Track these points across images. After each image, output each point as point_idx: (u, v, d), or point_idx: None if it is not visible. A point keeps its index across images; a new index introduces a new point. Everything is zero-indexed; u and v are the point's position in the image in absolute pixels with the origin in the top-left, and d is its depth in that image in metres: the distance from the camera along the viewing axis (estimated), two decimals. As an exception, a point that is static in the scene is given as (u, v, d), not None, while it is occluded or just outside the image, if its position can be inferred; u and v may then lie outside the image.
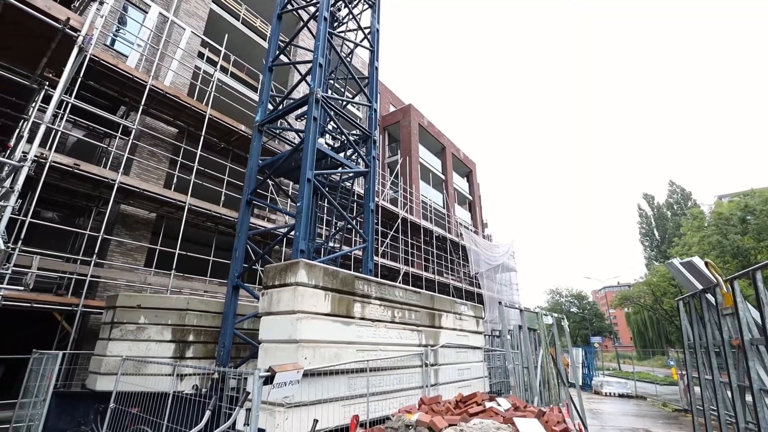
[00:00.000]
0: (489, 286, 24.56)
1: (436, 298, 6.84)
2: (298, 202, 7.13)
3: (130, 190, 9.22)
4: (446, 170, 27.19)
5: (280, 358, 3.97)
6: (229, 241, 12.08)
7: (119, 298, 7.10)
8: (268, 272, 4.53)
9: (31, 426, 5.79)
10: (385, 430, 3.25)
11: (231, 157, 12.44)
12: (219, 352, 7.25)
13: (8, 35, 5.15)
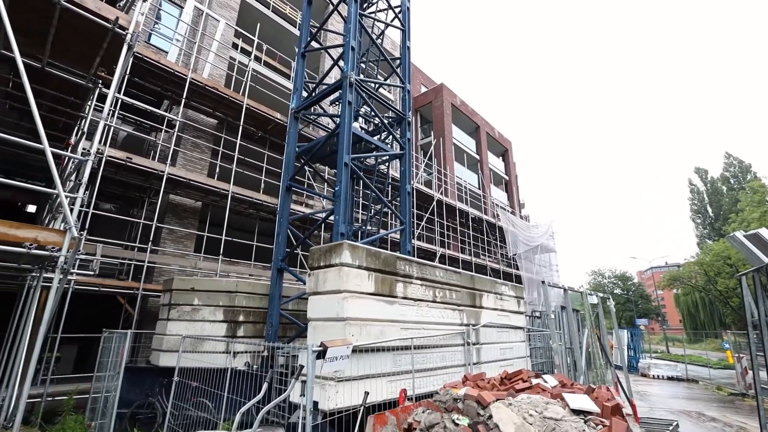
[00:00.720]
0: (527, 267, 24.07)
1: (476, 278, 6.82)
2: (336, 186, 7.25)
3: (177, 180, 9.72)
4: (481, 150, 26.56)
5: (328, 334, 4.14)
6: (270, 227, 12.54)
7: (174, 281, 7.60)
8: (313, 254, 4.70)
9: (107, 396, 6.39)
10: (433, 403, 3.34)
11: (268, 145, 12.76)
12: (267, 331, 7.63)
13: (65, 38, 5.50)
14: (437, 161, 21.86)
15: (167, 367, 7.05)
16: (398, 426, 3.17)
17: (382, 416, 3.07)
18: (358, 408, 3.93)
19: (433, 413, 3.20)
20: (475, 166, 26.04)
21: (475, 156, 26.03)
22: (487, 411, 3.02)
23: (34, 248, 4.01)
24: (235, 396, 4.76)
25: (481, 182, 25.41)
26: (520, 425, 2.76)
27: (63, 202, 4.30)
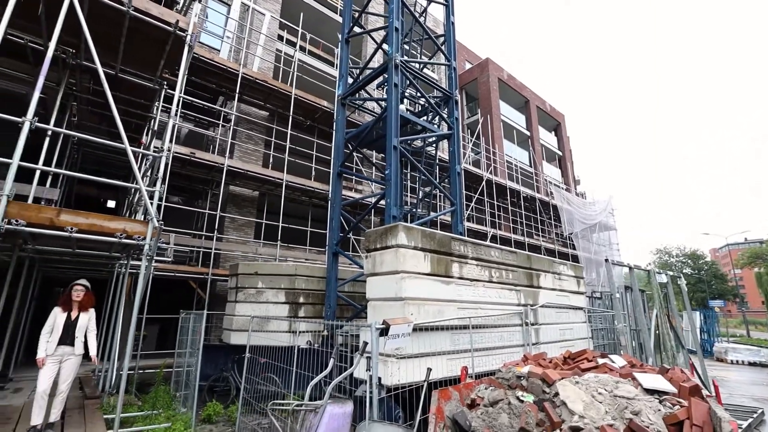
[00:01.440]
0: (585, 246, 22.94)
1: (533, 258, 6.64)
2: (386, 170, 7.31)
3: (236, 171, 10.29)
4: (531, 125, 25.36)
5: (387, 314, 4.27)
6: (322, 213, 12.95)
7: (240, 266, 8.15)
8: (369, 236, 4.82)
9: (189, 371, 7.08)
10: (495, 380, 3.37)
11: (317, 134, 13.07)
12: (326, 312, 8.00)
13: (134, 45, 5.95)
14: (485, 140, 21.21)
15: (237, 345, 7.65)
16: (461, 401, 3.24)
17: (446, 391, 3.15)
18: (420, 384, 4.05)
19: (496, 390, 3.23)
20: (525, 142, 24.95)
21: (525, 132, 24.92)
22: (553, 389, 3.00)
23: (123, 237, 4.49)
24: (303, 370, 5.09)
25: (532, 159, 24.35)
26: (588, 403, 2.71)
27: (144, 195, 4.75)
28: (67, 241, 4.89)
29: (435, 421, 2.80)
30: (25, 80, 6.95)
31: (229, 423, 6.68)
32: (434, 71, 20.75)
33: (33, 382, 7.06)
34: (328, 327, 7.63)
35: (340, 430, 3.06)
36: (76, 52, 6.20)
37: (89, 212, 4.40)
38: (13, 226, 3.90)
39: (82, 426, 4.58)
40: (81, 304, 4.56)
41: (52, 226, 4.15)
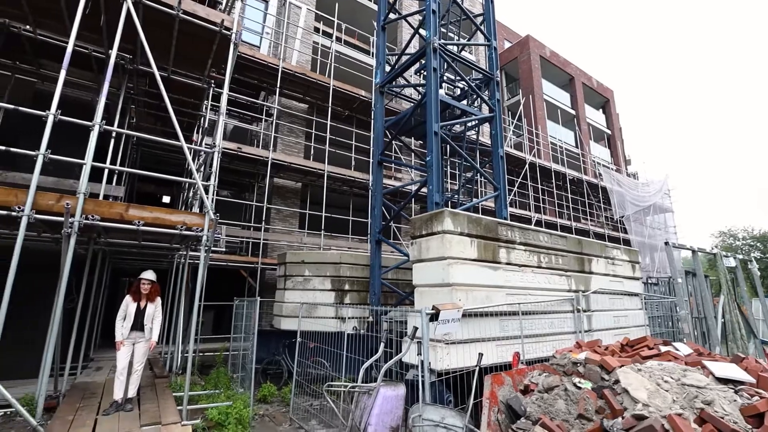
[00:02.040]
0: (638, 230, 21.64)
1: (584, 242, 6.37)
2: (427, 156, 7.25)
3: (280, 164, 10.61)
4: (576, 104, 24.05)
5: (435, 300, 4.29)
6: (362, 202, 13.10)
7: (287, 255, 8.46)
8: (414, 223, 4.84)
9: (243, 354, 7.51)
10: (550, 366, 3.30)
11: (355, 123, 13.15)
12: (371, 298, 8.15)
13: (183, 46, 6.24)
14: (527, 121, 20.39)
15: (287, 330, 7.99)
16: (514, 387, 3.21)
17: (499, 376, 3.13)
18: (469, 369, 4.06)
19: (551, 376, 3.16)
20: (570, 122, 23.74)
21: (569, 111, 23.69)
22: (613, 376, 2.89)
23: (183, 229, 4.79)
24: (351, 354, 5.25)
25: (578, 139, 23.16)
26: (653, 391, 2.60)
27: (200, 189, 5.03)
28: (134, 234, 5.30)
29: (489, 405, 2.80)
30: (90, 87, 7.51)
31: (283, 404, 7.03)
32: (472, 53, 20.13)
33: (110, 362, 7.78)
34: (374, 313, 7.78)
35: (393, 412, 3.14)
36: (133, 57, 6.61)
37: (153, 207, 4.74)
38: (89, 221, 4.29)
39: (155, 401, 5.00)
40: (148, 295, 4.94)
41: (122, 220, 4.52)
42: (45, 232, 5.47)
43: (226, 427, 4.84)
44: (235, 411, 5.11)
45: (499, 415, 2.85)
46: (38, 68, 6.75)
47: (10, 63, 6.52)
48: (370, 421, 3.04)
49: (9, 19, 5.76)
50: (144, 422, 4.19)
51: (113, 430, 3.99)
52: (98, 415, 4.43)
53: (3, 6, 5.43)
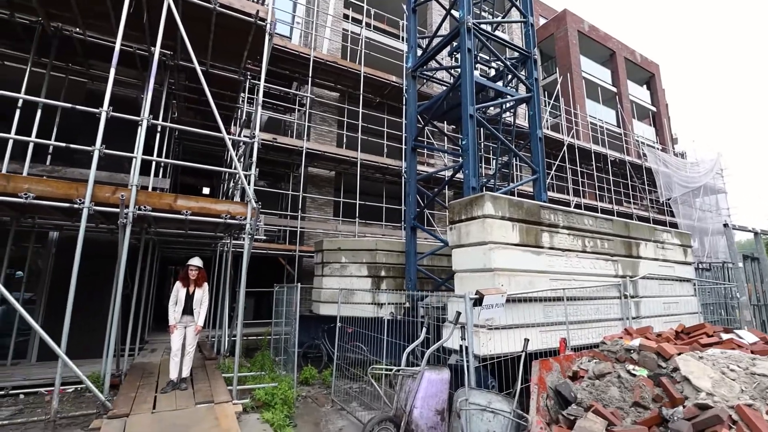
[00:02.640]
0: (686, 213, 20.42)
1: (632, 225, 6.07)
2: (463, 140, 7.10)
3: (314, 153, 10.75)
4: (618, 80, 22.73)
5: (476, 285, 4.23)
6: (394, 189, 13.07)
7: (324, 242, 8.61)
8: (453, 208, 4.77)
9: (284, 338, 7.78)
10: (600, 353, 3.19)
11: (386, 110, 13.06)
12: (407, 284, 8.18)
13: (221, 39, 6.37)
14: (564, 101, 19.51)
15: (325, 315, 8.18)
16: (562, 373, 3.14)
17: (548, 362, 3.07)
18: (511, 355, 4.00)
19: (601, 363, 3.06)
20: (611, 100, 22.51)
21: (610, 89, 22.44)
22: (671, 363, 2.76)
23: (227, 218, 4.97)
24: (391, 338, 5.32)
25: (620, 118, 21.94)
26: (718, 380, 2.46)
27: (242, 179, 5.18)
28: (181, 223, 5.56)
29: (538, 391, 2.75)
30: (135, 85, 7.85)
31: (324, 386, 7.25)
32: (505, 32, 19.38)
33: (163, 344, 8.28)
34: (410, 299, 7.81)
35: (438, 395, 3.15)
36: (173, 53, 6.83)
37: (199, 197, 4.93)
38: (142, 211, 4.52)
39: (206, 381, 5.29)
40: (196, 281, 5.18)
41: (171, 210, 4.74)
42: (102, 223, 5.84)
43: (273, 407, 5.05)
44: (280, 392, 5.32)
45: (548, 401, 2.80)
46: (88, 69, 7.11)
47: (64, 65, 6.91)
48: (415, 403, 3.08)
49: (62, 23, 6.09)
50: (198, 400, 4.44)
51: (171, 406, 4.26)
52: (157, 393, 4.74)
53: (55, 10, 5.74)
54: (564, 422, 2.60)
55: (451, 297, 4.52)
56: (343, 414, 5.68)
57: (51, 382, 5.21)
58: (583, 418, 2.46)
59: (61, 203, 4.27)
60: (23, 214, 5.37)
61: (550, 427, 2.59)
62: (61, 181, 4.39)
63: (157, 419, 3.88)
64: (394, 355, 6.09)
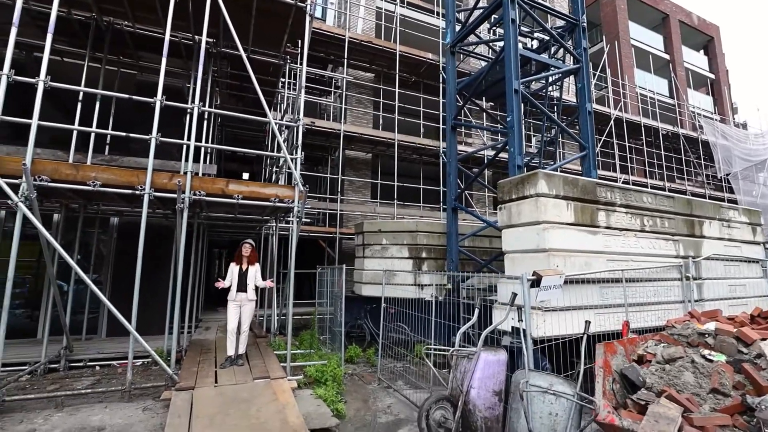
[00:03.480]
0: (747, 189, 18.92)
1: (695, 202, 5.67)
2: (508, 116, 6.84)
3: (351, 136, 10.74)
4: (671, 46, 21.00)
5: (529, 266, 4.12)
6: (432, 170, 12.90)
7: (365, 225, 8.67)
8: (503, 187, 4.63)
9: (328, 318, 7.99)
10: (669, 336, 3.03)
11: (422, 89, 12.78)
12: (448, 266, 8.12)
13: (261, 24, 6.39)
14: (611, 71, 18.30)
15: (367, 296, 8.31)
16: (627, 356, 3.01)
17: (612, 345, 2.96)
18: (567, 337, 3.90)
19: (671, 347, 2.91)
20: (663, 68, 20.87)
21: (662, 56, 20.78)
22: (753, 349, 2.58)
23: (276, 202, 5.08)
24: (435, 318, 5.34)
25: (673, 87, 20.36)
26: (811, 367, 2.27)
27: (289, 162, 5.25)
28: (231, 208, 5.75)
29: (603, 375, 2.66)
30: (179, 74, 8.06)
31: (368, 364, 7.42)
32: (547, 0, 18.26)
33: (215, 322, 8.74)
34: (452, 280, 7.77)
35: (495, 376, 3.13)
36: (216, 41, 6.94)
37: (248, 181, 5.07)
38: (197, 196, 4.70)
39: (260, 358, 5.54)
40: (249, 259, 5.38)
41: (224, 195, 4.90)
42: (158, 208, 6.14)
43: (324, 383, 5.22)
44: (329, 369, 5.50)
45: (615, 385, 2.70)
46: (137, 61, 7.38)
47: (116, 59, 7.20)
48: (472, 384, 3.07)
49: (113, 17, 6.32)
50: (255, 375, 4.66)
51: (231, 380, 4.50)
52: (216, 368, 5.02)
53: (108, 5, 5.95)
54: (633, 407, 2.51)
55: (501, 278, 4.44)
56: (390, 392, 5.81)
57: (121, 356, 5.66)
58: (655, 403, 2.36)
59: (124, 190, 4.51)
60: (90, 201, 5.73)
61: (617, 411, 2.50)
62: (124, 169, 4.62)
63: (220, 392, 4.12)
64: (438, 335, 6.14)
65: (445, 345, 6.50)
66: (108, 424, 3.52)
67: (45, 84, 4.23)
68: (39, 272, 7.46)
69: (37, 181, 4.08)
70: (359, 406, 5.21)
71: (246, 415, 3.65)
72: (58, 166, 4.30)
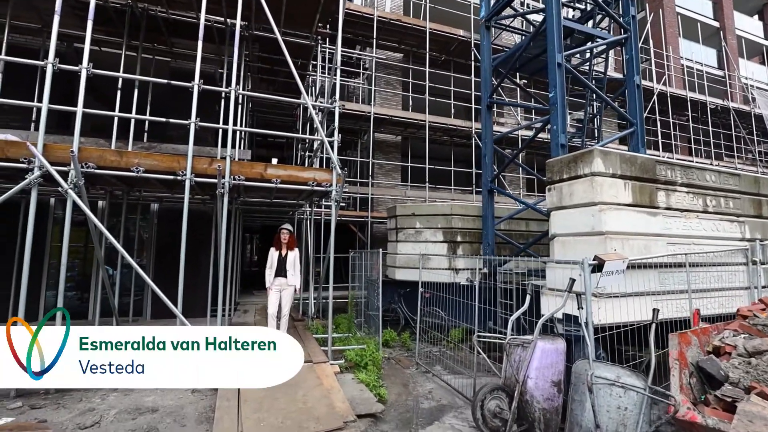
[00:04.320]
0: (804, 166, 17.54)
1: (763, 181, 5.21)
2: (550, 92, 6.46)
3: (381, 118, 10.53)
4: (721, 12, 19.39)
5: (582, 250, 3.89)
6: (462, 152, 12.56)
7: (398, 208, 8.54)
8: (552, 167, 4.37)
9: (365, 301, 7.99)
10: (751, 327, 2.78)
11: (453, 68, 12.34)
12: (484, 250, 7.90)
13: (292, 4, 6.22)
14: (654, 42, 17.11)
15: (401, 280, 8.23)
16: (701, 348, 2.79)
17: (686, 335, 2.73)
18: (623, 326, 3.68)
19: (754, 338, 2.66)
20: (712, 37, 19.33)
21: (711, 24, 19.24)
22: None
23: (314, 185, 5.01)
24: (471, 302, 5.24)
25: (723, 58, 18.88)
26: None
27: (326, 144, 5.15)
28: (268, 192, 5.73)
29: (679, 368, 2.46)
30: (212, 60, 8.04)
31: (404, 348, 7.40)
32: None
33: (253, 305, 8.90)
34: (488, 264, 7.57)
35: (554, 366, 2.97)
36: (248, 23, 6.84)
37: (286, 165, 5.01)
38: (236, 180, 4.68)
39: (300, 342, 5.57)
40: (287, 244, 5.36)
41: (262, 179, 4.86)
42: (196, 194, 6.20)
43: (364, 367, 5.21)
44: (368, 354, 5.48)
45: (691, 379, 2.50)
46: (171, 47, 7.39)
47: (150, 46, 7.24)
48: (529, 374, 2.93)
49: (147, 4, 6.31)
50: (299, 359, 4.68)
51: (276, 364, 4.52)
52: (260, 351, 5.07)
53: (142, -10, 5.94)
54: (716, 403, 2.31)
55: (549, 262, 4.22)
56: (429, 377, 5.75)
57: (167, 338, 5.84)
58: (745, 401, 2.15)
59: (165, 176, 4.53)
60: (132, 188, 5.85)
61: (696, 407, 2.31)
62: (165, 155, 4.65)
63: (266, 376, 4.15)
64: (477, 320, 6.03)
65: (481, 330, 6.40)
66: (161, 406, 3.61)
67: (87, 71, 4.25)
68: (86, 256, 7.78)
69: (84, 168, 4.14)
70: (399, 390, 5.18)
71: (293, 399, 3.66)
72: (103, 153, 4.36)
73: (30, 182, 3.92)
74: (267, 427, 3.17)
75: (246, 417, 3.27)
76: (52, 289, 6.90)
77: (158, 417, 3.38)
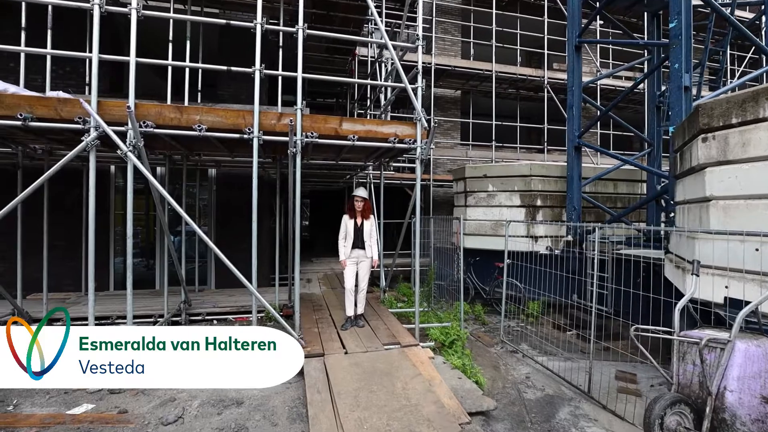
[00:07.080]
0: None
1: None
2: (671, 22, 5.23)
3: (441, 69, 9.44)
4: None
5: (757, 217, 2.97)
6: (529, 107, 11.26)
7: (467, 170, 7.68)
8: (711, 111, 3.35)
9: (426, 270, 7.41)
10: None
11: (519, 8, 10.82)
12: (569, 215, 6.98)
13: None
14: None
15: (471, 249, 7.51)
16: None
17: None
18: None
19: None
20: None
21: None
22: None
23: (396, 141, 4.28)
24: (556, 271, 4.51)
25: None
26: None
27: (410, 93, 4.37)
28: (338, 151, 5.07)
29: None
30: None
31: (478, 322, 6.81)
32: None
33: (314, 274, 8.52)
34: (573, 231, 6.69)
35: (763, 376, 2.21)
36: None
37: (363, 119, 4.30)
38: (309, 138, 4.04)
39: (378, 318, 5.09)
40: (362, 213, 4.74)
41: (337, 136, 4.19)
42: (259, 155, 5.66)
43: (450, 347, 4.67)
44: (453, 332, 4.92)
45: None
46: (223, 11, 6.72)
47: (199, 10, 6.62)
48: (728, 385, 2.20)
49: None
50: (384, 341, 4.18)
51: (360, 347, 4.05)
52: (338, 329, 4.63)
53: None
54: None
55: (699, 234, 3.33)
56: (519, 357, 5.14)
57: (234, 310, 5.55)
58: None
59: (230, 134, 3.97)
60: (191, 151, 5.39)
61: None
62: (228, 110, 4.06)
63: (354, 362, 3.67)
64: (558, 292, 5.37)
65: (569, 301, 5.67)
66: (245, 397, 3.22)
67: (138, 12, 3.65)
68: (148, 224, 7.63)
69: (142, 128, 3.64)
70: (492, 374, 4.61)
71: (392, 393, 3.14)
72: (162, 110, 3.82)
73: (87, 144, 3.47)
74: (371, 430, 2.67)
75: (345, 416, 2.80)
76: (119, 255, 6.81)
77: (245, 412, 2.98)
